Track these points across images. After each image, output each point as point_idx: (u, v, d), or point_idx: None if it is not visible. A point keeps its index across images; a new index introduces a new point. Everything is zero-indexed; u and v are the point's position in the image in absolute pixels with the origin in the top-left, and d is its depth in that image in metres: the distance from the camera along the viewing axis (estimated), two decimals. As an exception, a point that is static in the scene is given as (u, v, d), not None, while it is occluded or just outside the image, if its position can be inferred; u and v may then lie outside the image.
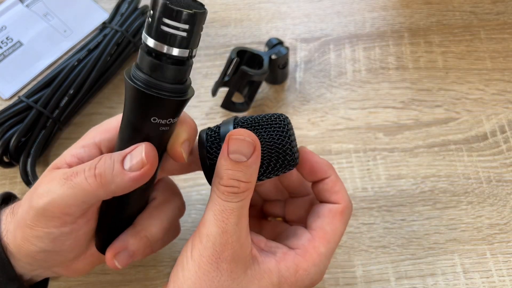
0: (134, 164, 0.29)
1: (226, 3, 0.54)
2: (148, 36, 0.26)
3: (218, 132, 0.32)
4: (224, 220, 0.29)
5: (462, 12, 0.53)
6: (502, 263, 0.41)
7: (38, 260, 0.32)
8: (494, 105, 0.48)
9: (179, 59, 0.27)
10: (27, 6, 0.54)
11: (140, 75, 0.27)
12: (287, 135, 0.32)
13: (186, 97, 0.28)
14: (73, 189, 0.29)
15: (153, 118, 0.28)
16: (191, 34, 0.26)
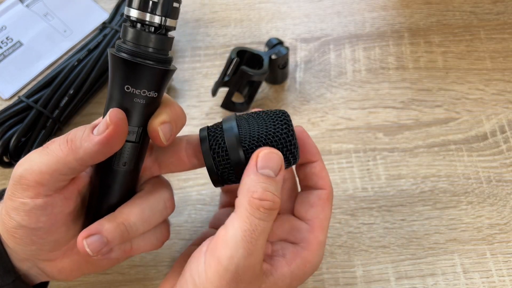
0: (100, 126, 0.29)
1: (226, 3, 0.54)
2: (131, 7, 0.27)
3: (220, 127, 0.32)
4: (253, 241, 0.28)
5: (462, 12, 0.53)
6: (502, 263, 0.41)
7: (18, 240, 0.31)
8: (494, 105, 0.48)
9: (152, 25, 0.28)
10: (27, 6, 0.54)
11: (118, 43, 0.28)
12: (290, 130, 0.32)
13: (158, 66, 0.28)
14: (47, 156, 0.29)
15: (126, 87, 0.28)
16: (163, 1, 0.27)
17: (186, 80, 0.50)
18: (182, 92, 0.50)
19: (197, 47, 0.52)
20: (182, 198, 0.45)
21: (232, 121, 0.32)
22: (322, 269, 0.42)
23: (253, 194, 0.29)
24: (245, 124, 0.32)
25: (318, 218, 0.34)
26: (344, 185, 0.45)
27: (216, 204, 0.44)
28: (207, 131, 0.32)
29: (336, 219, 0.43)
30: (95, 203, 0.33)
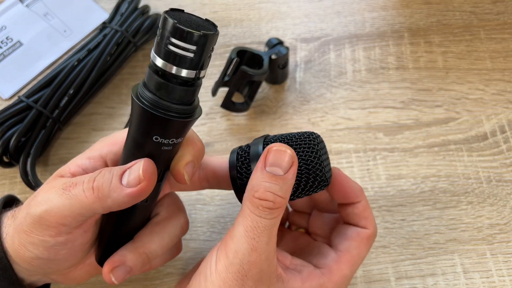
0: (131, 179, 0.28)
1: (226, 3, 0.54)
2: (156, 55, 0.25)
3: (248, 152, 0.32)
4: (255, 238, 0.29)
5: (462, 12, 0.53)
6: (502, 263, 0.41)
7: (34, 266, 0.32)
8: (494, 105, 0.48)
9: (185, 79, 0.26)
10: (27, 6, 0.54)
11: (146, 93, 0.27)
12: (317, 155, 0.31)
13: (190, 118, 0.28)
14: (70, 200, 0.29)
15: (155, 137, 0.28)
16: (199, 55, 0.25)
17: (186, 80, 0.50)
18: (182, 92, 0.50)
19: (197, 47, 0.52)
20: (182, 198, 0.45)
21: (259, 145, 0.32)
22: (322, 269, 0.42)
23: (255, 193, 0.29)
24: (272, 136, 0.33)
25: (350, 252, 0.33)
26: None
27: (216, 204, 0.44)
28: (235, 155, 0.33)
29: (336, 219, 0.43)
30: (112, 229, 0.33)
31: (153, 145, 0.28)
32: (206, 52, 0.25)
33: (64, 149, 0.47)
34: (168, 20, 0.24)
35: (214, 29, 0.26)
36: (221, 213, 0.44)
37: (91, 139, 0.48)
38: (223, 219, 0.44)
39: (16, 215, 0.32)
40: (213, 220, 0.44)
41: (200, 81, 0.27)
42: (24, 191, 0.45)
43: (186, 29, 0.24)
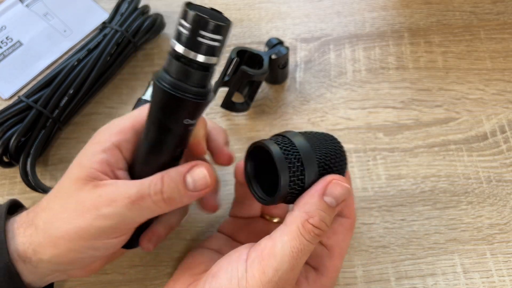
0: (199, 185, 0.32)
1: (226, 3, 0.54)
2: (179, 43, 0.28)
3: (298, 155, 0.31)
4: (298, 259, 0.30)
5: (462, 12, 0.53)
6: (502, 263, 0.41)
7: (68, 265, 0.33)
8: (494, 105, 0.48)
9: (207, 65, 0.29)
10: (27, 6, 0.54)
11: (170, 79, 0.29)
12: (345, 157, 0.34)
13: (211, 99, 0.31)
14: (141, 211, 0.31)
15: (186, 120, 0.30)
16: (222, 43, 0.28)
17: (186, 80, 0.50)
18: (182, 92, 0.50)
19: (197, 47, 0.52)
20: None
21: (302, 139, 0.32)
22: (322, 269, 0.42)
23: (310, 219, 0.30)
24: (314, 144, 0.33)
25: (339, 246, 0.35)
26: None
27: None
28: (278, 146, 0.31)
29: (336, 219, 0.43)
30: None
31: (183, 127, 0.31)
32: (226, 41, 0.29)
33: (64, 149, 0.47)
34: (191, 12, 0.27)
35: (228, 20, 0.28)
36: (221, 213, 0.44)
37: (91, 139, 0.48)
38: (223, 219, 0.44)
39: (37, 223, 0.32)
40: (213, 220, 0.44)
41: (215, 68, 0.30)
42: (24, 191, 0.45)
43: (213, 21, 0.27)
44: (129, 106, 0.49)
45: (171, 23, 0.53)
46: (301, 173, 0.31)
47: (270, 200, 0.32)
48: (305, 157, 0.31)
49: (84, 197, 0.31)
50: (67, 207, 0.32)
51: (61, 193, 0.33)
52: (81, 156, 0.33)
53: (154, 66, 0.51)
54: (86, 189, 0.32)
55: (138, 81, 0.50)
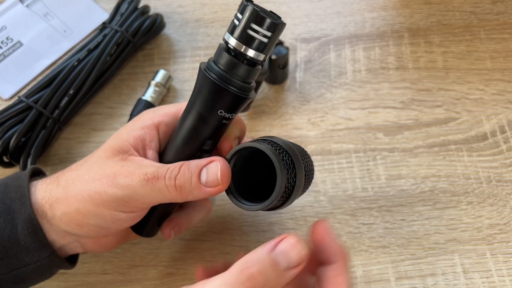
0: (210, 181, 0.31)
1: (226, 3, 0.54)
2: (232, 36, 0.29)
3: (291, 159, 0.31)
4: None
5: (462, 12, 0.53)
6: (502, 263, 0.41)
7: (82, 231, 0.33)
8: (494, 105, 0.48)
9: (255, 61, 0.30)
10: (27, 6, 0.54)
11: (217, 69, 0.30)
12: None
13: (253, 96, 0.32)
14: (153, 192, 0.32)
15: (220, 111, 0.31)
16: (272, 41, 0.29)
17: (186, 80, 0.50)
18: (182, 92, 0.50)
19: (197, 47, 0.52)
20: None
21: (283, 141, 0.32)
22: (322, 269, 0.42)
23: (250, 269, 0.27)
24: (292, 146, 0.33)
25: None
26: (344, 185, 0.45)
27: (216, 204, 0.44)
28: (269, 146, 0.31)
29: (336, 219, 0.43)
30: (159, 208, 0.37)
31: (217, 119, 0.31)
32: (276, 39, 0.30)
33: (64, 149, 0.47)
34: (249, 7, 0.28)
35: (282, 20, 0.29)
36: (221, 213, 0.44)
37: (91, 139, 0.48)
38: (223, 219, 0.44)
39: (60, 180, 0.34)
40: (213, 220, 0.44)
41: (261, 66, 0.31)
42: (24, 191, 0.45)
43: (268, 17, 0.28)
44: (129, 106, 0.49)
45: (171, 23, 0.53)
46: (294, 173, 0.31)
47: (263, 205, 0.31)
48: (295, 158, 0.31)
49: (108, 165, 0.33)
50: (90, 170, 0.33)
51: (92, 157, 0.34)
52: (122, 129, 0.35)
53: (154, 66, 0.51)
54: (114, 159, 0.33)
55: (138, 81, 0.50)
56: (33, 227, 0.32)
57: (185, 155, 0.34)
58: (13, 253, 0.32)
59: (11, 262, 0.32)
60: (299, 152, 0.33)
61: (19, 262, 0.33)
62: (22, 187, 0.33)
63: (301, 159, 0.32)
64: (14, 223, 0.32)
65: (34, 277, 0.34)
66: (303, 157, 0.33)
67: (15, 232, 0.32)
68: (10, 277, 0.33)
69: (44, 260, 0.33)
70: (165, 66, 0.51)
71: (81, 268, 0.42)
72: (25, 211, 0.32)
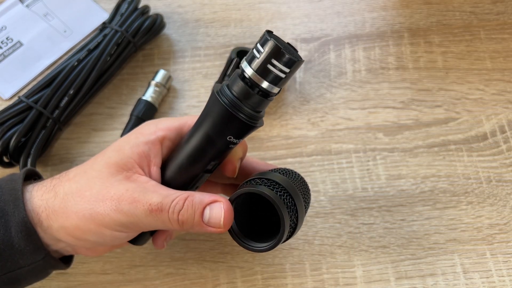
0: (212, 222, 0.32)
1: (226, 3, 0.54)
2: (250, 66, 0.29)
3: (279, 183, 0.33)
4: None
5: (462, 12, 0.53)
6: (502, 263, 0.41)
7: (73, 240, 0.33)
8: (494, 105, 0.48)
9: (269, 93, 0.30)
10: (27, 6, 0.54)
11: (230, 95, 0.30)
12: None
13: (261, 125, 0.32)
14: (156, 222, 0.32)
15: (229, 137, 0.31)
16: (288, 76, 0.30)
17: (186, 80, 0.50)
18: (182, 92, 0.50)
19: (197, 47, 0.52)
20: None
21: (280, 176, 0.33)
22: (322, 269, 0.42)
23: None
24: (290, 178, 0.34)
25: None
26: (344, 185, 0.45)
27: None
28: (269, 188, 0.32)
29: (336, 219, 0.43)
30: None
31: (224, 143, 0.32)
32: (292, 75, 0.30)
33: (64, 149, 0.47)
34: (271, 43, 0.29)
35: (301, 58, 0.30)
36: (221, 213, 0.44)
37: (91, 140, 0.48)
38: (223, 219, 0.44)
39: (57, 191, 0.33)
40: (213, 220, 0.44)
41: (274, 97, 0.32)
42: (24, 191, 0.45)
43: (289, 55, 0.29)
44: (129, 106, 0.49)
45: (171, 23, 0.53)
46: (295, 212, 0.32)
47: (268, 247, 0.32)
48: (295, 196, 0.32)
49: (112, 184, 0.32)
50: (92, 187, 0.32)
51: (92, 170, 0.33)
52: (123, 142, 0.34)
53: (154, 66, 0.51)
54: (118, 177, 0.32)
55: (138, 81, 0.50)
56: (27, 230, 0.32)
57: (188, 174, 0.34)
58: (7, 255, 0.32)
59: (5, 264, 0.32)
60: (297, 184, 0.34)
61: (14, 264, 0.32)
62: (16, 190, 0.33)
63: (300, 195, 0.33)
64: (7, 226, 0.32)
65: (29, 279, 0.34)
66: (301, 190, 0.34)
67: (9, 234, 0.32)
68: (5, 279, 0.33)
69: (39, 262, 0.33)
70: (165, 66, 0.51)
71: (81, 268, 0.42)
72: (18, 214, 0.32)
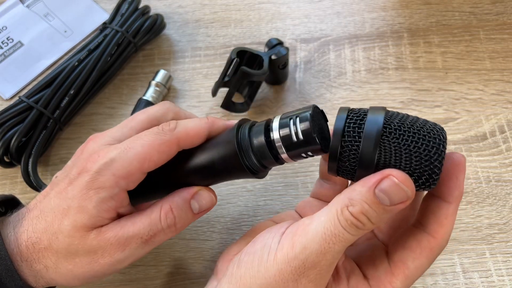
0: (203, 205, 0.33)
1: (226, 3, 0.54)
2: (283, 145, 0.30)
3: (362, 123, 0.28)
4: (331, 244, 0.27)
5: (462, 13, 0.53)
6: (501, 263, 0.41)
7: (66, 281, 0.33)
8: (494, 105, 0.48)
9: (283, 161, 0.31)
10: (27, 7, 0.54)
11: (249, 148, 0.31)
12: (442, 153, 0.27)
13: (262, 178, 0.34)
14: (153, 245, 0.32)
15: (230, 176, 0.33)
16: (306, 157, 0.30)
17: (186, 80, 0.50)
18: (182, 92, 0.50)
19: (197, 48, 0.52)
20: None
21: (380, 116, 0.28)
22: (322, 269, 0.42)
23: (351, 207, 0.27)
24: (395, 119, 0.28)
25: (405, 265, 0.29)
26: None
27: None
28: (345, 117, 0.29)
29: (336, 219, 0.43)
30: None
31: (223, 176, 0.33)
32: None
33: (64, 149, 0.48)
34: (318, 147, 0.29)
35: (327, 148, 0.29)
36: (221, 213, 0.44)
37: (92, 139, 0.48)
38: (223, 219, 0.44)
39: (58, 268, 0.32)
40: (213, 220, 0.44)
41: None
42: (25, 191, 0.45)
43: (320, 147, 0.29)
44: (130, 107, 0.49)
45: (171, 24, 0.53)
46: (357, 139, 0.28)
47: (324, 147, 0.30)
48: (368, 130, 0.27)
49: (92, 245, 0.31)
50: (76, 253, 0.31)
51: (63, 236, 0.31)
52: (85, 201, 0.31)
53: (155, 66, 0.51)
54: (91, 236, 0.31)
55: (139, 81, 0.51)
56: (9, 272, 0.31)
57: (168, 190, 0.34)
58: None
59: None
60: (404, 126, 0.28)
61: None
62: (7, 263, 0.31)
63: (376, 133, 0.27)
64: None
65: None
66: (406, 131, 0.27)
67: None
68: None
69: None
70: (165, 66, 0.51)
71: (81, 268, 0.42)
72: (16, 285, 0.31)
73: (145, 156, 0.31)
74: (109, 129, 0.35)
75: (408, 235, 0.31)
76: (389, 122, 0.28)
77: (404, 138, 0.27)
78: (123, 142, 0.32)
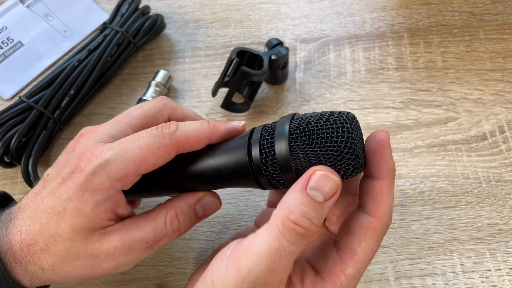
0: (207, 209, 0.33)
1: (226, 3, 0.54)
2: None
3: (273, 131, 0.30)
4: (277, 261, 0.27)
5: (462, 13, 0.53)
6: (501, 263, 0.41)
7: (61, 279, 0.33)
8: (493, 105, 0.48)
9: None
10: (27, 7, 0.54)
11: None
12: (349, 140, 0.28)
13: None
14: (156, 249, 0.32)
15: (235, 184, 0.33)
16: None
17: (186, 80, 0.50)
18: (182, 92, 0.50)
19: (198, 48, 0.52)
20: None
21: (286, 125, 0.30)
22: (322, 269, 0.42)
23: (290, 215, 0.26)
24: (300, 117, 0.30)
25: (352, 249, 0.30)
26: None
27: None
28: (259, 134, 0.31)
29: (336, 219, 0.44)
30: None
31: (228, 183, 0.33)
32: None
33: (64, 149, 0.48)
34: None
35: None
36: (221, 213, 0.44)
37: (92, 139, 0.48)
38: (223, 218, 0.44)
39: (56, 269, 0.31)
40: (213, 220, 0.44)
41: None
42: (25, 191, 0.45)
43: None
44: (130, 107, 0.49)
45: (172, 24, 0.53)
46: (271, 144, 0.30)
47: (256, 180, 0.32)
48: (278, 137, 0.29)
49: (95, 248, 0.31)
50: (76, 256, 0.31)
51: (62, 239, 0.30)
52: (81, 204, 0.30)
53: (155, 66, 0.51)
54: (93, 239, 0.31)
55: (139, 81, 0.51)
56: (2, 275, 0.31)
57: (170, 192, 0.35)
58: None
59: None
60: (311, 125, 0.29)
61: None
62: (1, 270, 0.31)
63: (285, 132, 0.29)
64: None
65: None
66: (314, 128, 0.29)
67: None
68: None
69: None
70: (166, 66, 0.51)
71: (81, 268, 0.42)
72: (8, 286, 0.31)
73: (141, 159, 0.30)
74: (102, 125, 0.34)
75: (351, 219, 0.31)
76: (296, 127, 0.29)
77: (311, 138, 0.28)
78: (118, 141, 0.31)
